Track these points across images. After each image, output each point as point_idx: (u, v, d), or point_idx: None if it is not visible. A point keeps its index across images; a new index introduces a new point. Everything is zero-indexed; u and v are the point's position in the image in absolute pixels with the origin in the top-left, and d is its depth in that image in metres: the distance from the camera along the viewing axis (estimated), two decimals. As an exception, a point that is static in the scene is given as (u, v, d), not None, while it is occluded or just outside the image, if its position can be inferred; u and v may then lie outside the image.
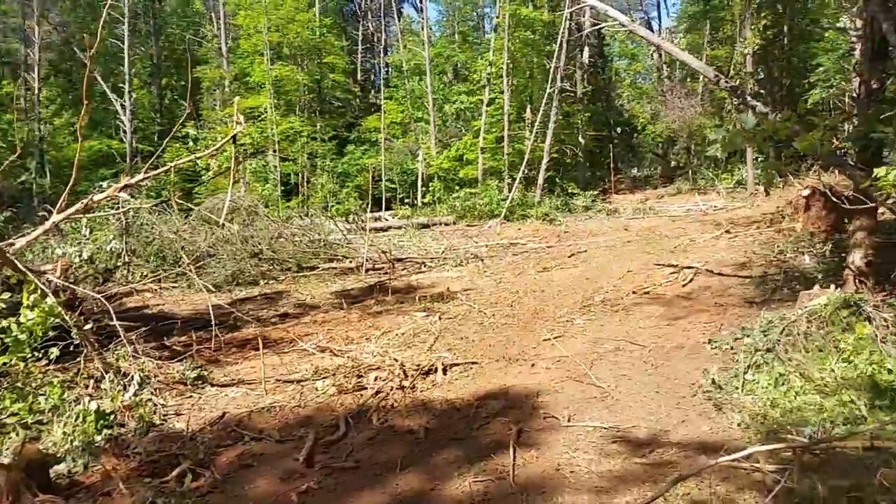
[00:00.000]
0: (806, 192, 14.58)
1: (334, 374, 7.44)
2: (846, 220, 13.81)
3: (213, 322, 7.91)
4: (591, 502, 4.33)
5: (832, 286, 7.81)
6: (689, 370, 6.97)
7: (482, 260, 15.86)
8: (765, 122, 7.49)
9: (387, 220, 23.04)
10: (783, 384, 5.85)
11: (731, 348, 7.34)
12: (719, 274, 11.68)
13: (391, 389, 6.98)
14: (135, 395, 6.58)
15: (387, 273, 14.92)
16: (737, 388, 6.06)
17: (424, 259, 16.35)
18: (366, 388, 7.04)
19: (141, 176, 6.82)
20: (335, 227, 18.68)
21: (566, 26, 23.68)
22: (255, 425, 6.23)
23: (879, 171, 6.21)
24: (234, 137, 5.30)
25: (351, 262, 15.68)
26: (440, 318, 10.39)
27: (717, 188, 27.04)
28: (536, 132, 24.63)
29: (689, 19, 36.98)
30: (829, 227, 13.86)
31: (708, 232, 17.04)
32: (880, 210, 8.05)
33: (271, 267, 14.59)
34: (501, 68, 26.08)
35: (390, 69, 38.83)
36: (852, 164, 7.68)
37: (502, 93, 26.55)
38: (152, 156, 9.65)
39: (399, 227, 21.51)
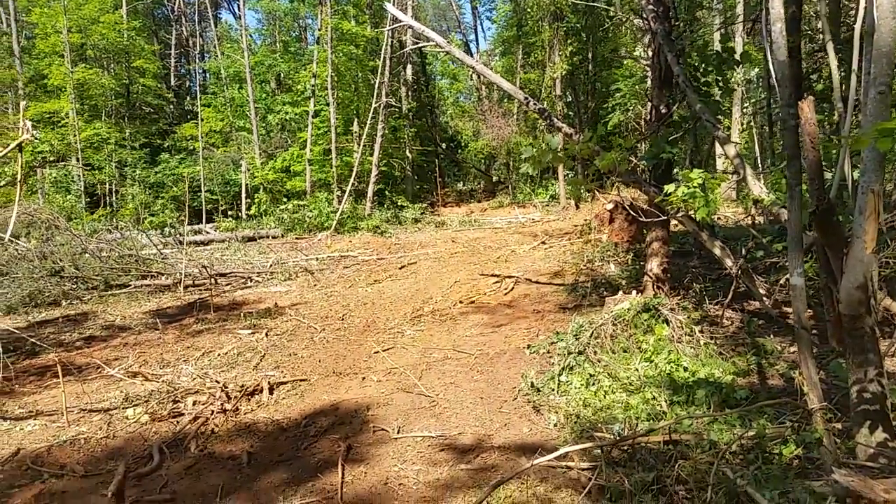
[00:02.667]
0: (610, 206, 15.92)
1: (147, 401, 6.88)
2: (644, 232, 15.33)
3: (11, 347, 6.99)
4: (420, 513, 4.36)
5: (634, 292, 8.56)
6: (510, 375, 7.29)
7: (312, 273, 15.55)
8: (570, 142, 8.08)
9: (208, 232, 21.84)
10: (594, 384, 6.30)
11: (548, 352, 7.80)
12: (536, 282, 12.39)
13: (212, 413, 6.58)
14: None
15: (208, 289, 14.12)
16: (552, 390, 6.43)
17: (250, 273, 15.69)
18: (183, 414, 6.58)
19: None
20: (149, 241, 17.38)
21: (388, 43, 24.03)
22: (55, 460, 5.59)
23: (669, 188, 6.92)
24: (20, 146, 4.74)
25: (167, 278, 14.66)
26: (267, 335, 10.03)
27: (534, 202, 28.79)
28: (364, 146, 24.69)
29: (503, 43, 39.15)
30: (631, 238, 15.24)
31: (527, 242, 18.01)
32: (673, 222, 8.97)
33: (75, 286, 13.23)
34: (326, 80, 25.86)
35: (208, 76, 37.05)
36: (646, 181, 8.50)
37: (328, 105, 26.32)
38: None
39: (222, 241, 20.48)
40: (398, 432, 5.84)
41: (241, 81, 30.32)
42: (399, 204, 25.57)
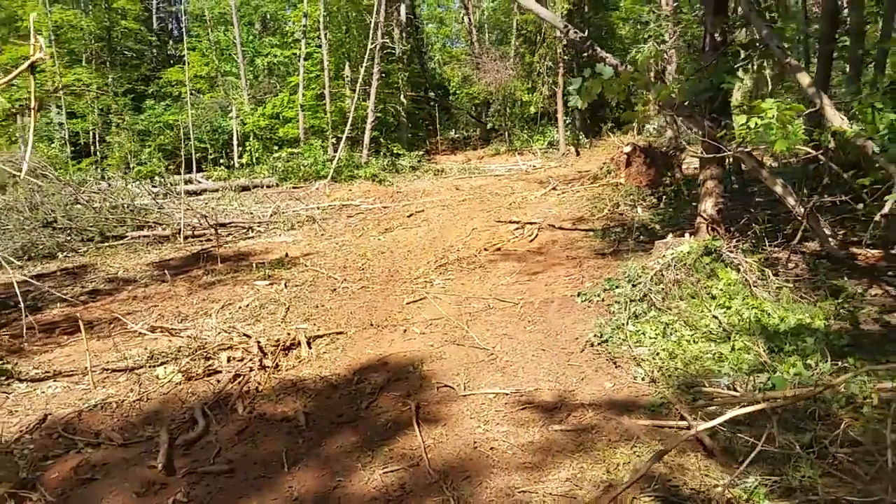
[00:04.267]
0: (627, 149, 15.34)
1: (176, 359, 6.29)
2: (665, 174, 14.80)
3: (20, 301, 6.32)
4: (527, 483, 3.85)
5: (687, 234, 8.04)
6: (566, 324, 6.79)
7: (317, 222, 14.85)
8: (623, 73, 7.42)
9: (200, 182, 20.88)
10: (671, 334, 5.80)
11: (602, 300, 7.29)
12: (560, 228, 11.85)
13: (250, 371, 6.03)
14: None
15: (210, 240, 13.41)
16: (623, 340, 5.93)
17: (251, 223, 14.96)
18: (219, 372, 6.02)
19: None
20: (141, 190, 16.49)
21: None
22: (88, 427, 5.02)
23: (739, 119, 6.34)
24: (32, 65, 4.01)
25: (165, 228, 13.90)
26: (286, 286, 9.43)
27: (533, 149, 28.03)
28: (358, 91, 23.65)
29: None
30: (650, 181, 14.71)
31: (535, 189, 17.38)
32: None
33: (69, 238, 12.44)
34: (318, 20, 24.57)
35: (188, 19, 35.27)
36: (702, 114, 7.89)
37: (320, 47, 25.09)
38: None
39: (215, 190, 19.58)
40: (464, 389, 5.33)
41: (227, 24, 28.76)
42: (395, 152, 24.68)
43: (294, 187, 20.90)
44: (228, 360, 6.22)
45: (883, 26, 11.11)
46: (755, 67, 9.96)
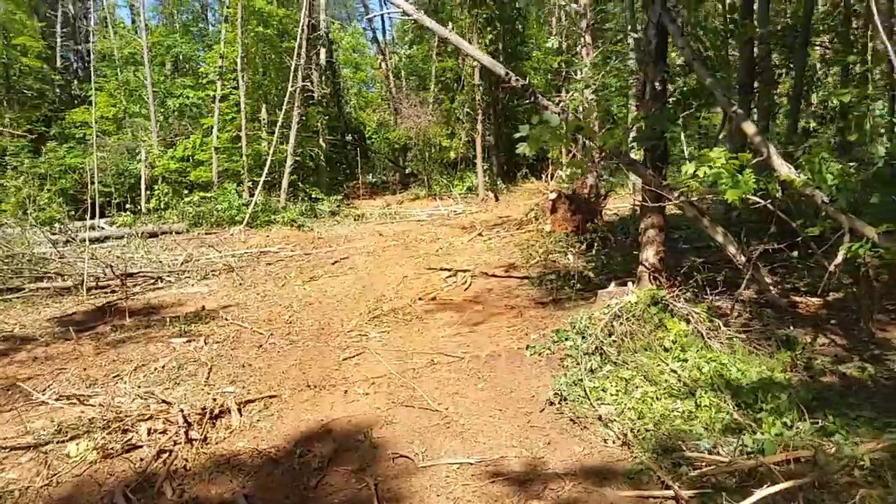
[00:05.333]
0: (553, 196, 15.45)
1: (88, 432, 5.48)
2: (589, 221, 14.95)
3: None
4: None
5: (629, 283, 7.94)
6: (519, 381, 6.45)
7: (233, 271, 14.01)
8: (571, 122, 7.33)
9: (103, 228, 19.47)
10: (633, 390, 5.56)
11: (552, 353, 7.02)
12: (494, 276, 11.63)
13: (175, 445, 5.32)
14: None
15: (116, 292, 12.33)
16: (584, 398, 5.64)
17: (160, 273, 13.94)
18: (140, 447, 5.27)
19: None
20: (40, 238, 15.12)
21: (306, 22, 22.49)
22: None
23: (688, 168, 6.32)
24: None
25: (66, 279, 12.70)
26: (206, 343, 8.66)
27: (452, 194, 28.08)
28: (276, 133, 23.00)
29: (417, 31, 38.12)
30: (575, 228, 14.82)
31: (460, 235, 17.23)
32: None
33: (-47, 291, 11.10)
34: (235, 62, 23.88)
35: (95, 58, 33.61)
36: (643, 164, 7.90)
37: (236, 88, 24.34)
38: None
39: (120, 237, 18.29)
40: (423, 459, 4.85)
41: (136, 64, 27.45)
42: (314, 196, 24.04)
43: (206, 233, 19.87)
44: (149, 433, 5.47)
45: (794, 77, 11.71)
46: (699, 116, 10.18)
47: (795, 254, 7.46)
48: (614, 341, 6.55)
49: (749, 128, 6.60)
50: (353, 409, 6.03)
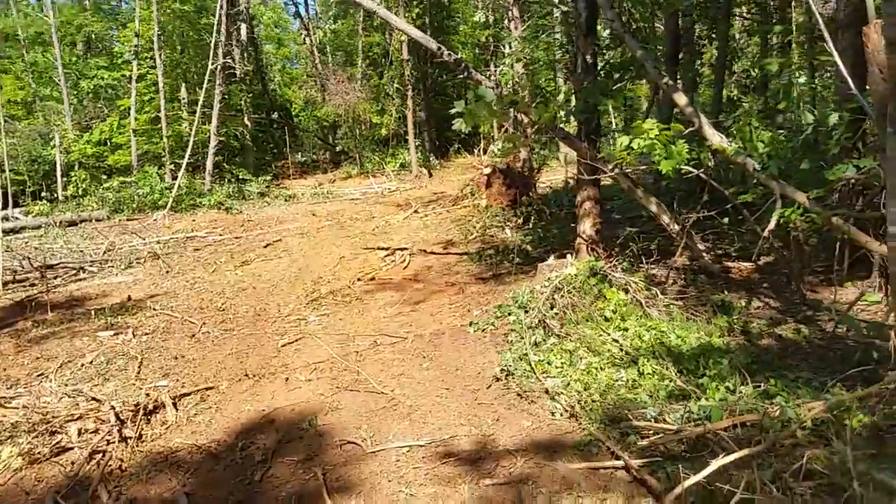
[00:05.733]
0: (487, 171, 15.44)
1: (12, 437, 5.13)
2: (524, 194, 15.03)
3: None
4: (474, 555, 3.38)
5: (568, 256, 7.99)
6: (464, 358, 6.42)
7: (160, 258, 13.43)
8: (507, 96, 7.27)
9: (18, 218, 18.32)
10: (577, 361, 5.59)
11: (496, 328, 7.02)
12: (432, 253, 11.55)
13: (108, 444, 5.04)
14: None
15: (35, 285, 11.64)
16: (530, 372, 5.64)
17: (82, 263, 13.25)
18: (70, 449, 4.97)
19: None
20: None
21: (225, -2, 21.58)
22: None
23: (623, 140, 6.36)
24: None
25: (-23, 274, 11.89)
26: (135, 336, 8.28)
27: (385, 171, 27.74)
28: (198, 113, 22.07)
29: (341, 6, 37.25)
30: (510, 202, 14.88)
31: (395, 213, 17.04)
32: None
33: None
34: (151, 41, 22.70)
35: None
36: (577, 136, 7.92)
37: (154, 68, 23.18)
38: None
39: (37, 227, 17.24)
40: (372, 444, 4.75)
41: (45, 44, 25.71)
42: (241, 177, 23.25)
43: (129, 219, 18.98)
44: (80, 434, 5.17)
45: (718, 48, 11.98)
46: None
47: (726, 220, 7.68)
48: (556, 314, 6.58)
49: (680, 98, 6.68)
50: (296, 397, 5.87)
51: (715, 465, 2.99)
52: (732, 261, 8.07)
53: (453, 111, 7.29)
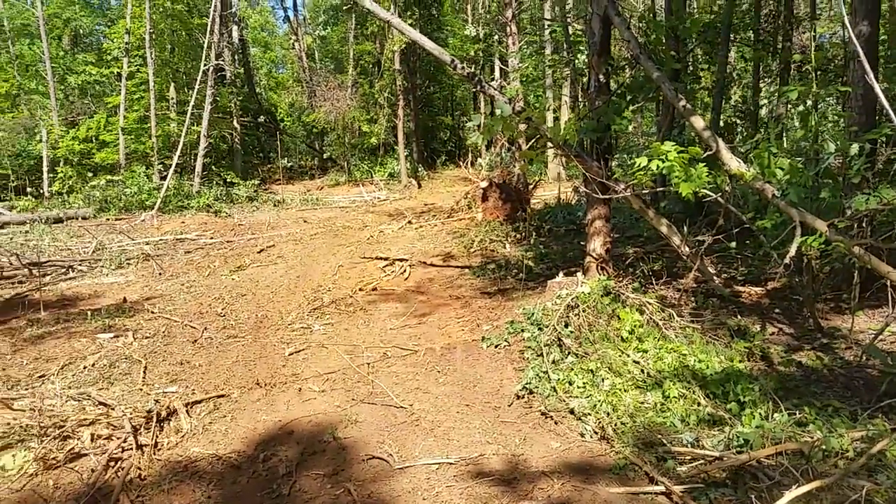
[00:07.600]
0: (484, 185, 15.46)
1: (23, 440, 4.97)
2: (520, 209, 15.07)
3: None
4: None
5: (579, 273, 8.01)
6: (480, 374, 6.38)
7: (152, 259, 13.22)
8: (526, 110, 7.29)
9: (2, 213, 17.91)
10: (601, 382, 5.59)
11: (509, 344, 6.98)
12: (432, 265, 11.51)
13: (123, 452, 4.92)
14: None
15: (23, 282, 11.40)
16: (551, 391, 5.63)
17: (72, 262, 12.98)
18: (85, 455, 4.83)
19: None
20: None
21: (219, -1, 21.43)
22: None
23: (640, 161, 6.39)
24: None
25: (-37, 270, 11.60)
26: (135, 339, 8.12)
27: (375, 180, 27.68)
28: (188, 114, 21.82)
29: (331, 12, 37.24)
30: (506, 217, 14.91)
31: (388, 222, 16.99)
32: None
33: None
34: (143, 38, 22.43)
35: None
36: (590, 155, 7.96)
37: (144, 66, 22.89)
38: None
39: (22, 223, 16.86)
40: (398, 460, 4.69)
41: (31, 36, 25.25)
42: (229, 180, 23.02)
43: (116, 219, 18.67)
44: (93, 439, 5.04)
45: (717, 73, 12.16)
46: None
47: (733, 244, 7.75)
48: (572, 332, 6.58)
49: (697, 122, 6.74)
50: (312, 408, 5.78)
51: (789, 496, 2.99)
52: (741, 284, 8.15)
53: (469, 124, 7.38)
